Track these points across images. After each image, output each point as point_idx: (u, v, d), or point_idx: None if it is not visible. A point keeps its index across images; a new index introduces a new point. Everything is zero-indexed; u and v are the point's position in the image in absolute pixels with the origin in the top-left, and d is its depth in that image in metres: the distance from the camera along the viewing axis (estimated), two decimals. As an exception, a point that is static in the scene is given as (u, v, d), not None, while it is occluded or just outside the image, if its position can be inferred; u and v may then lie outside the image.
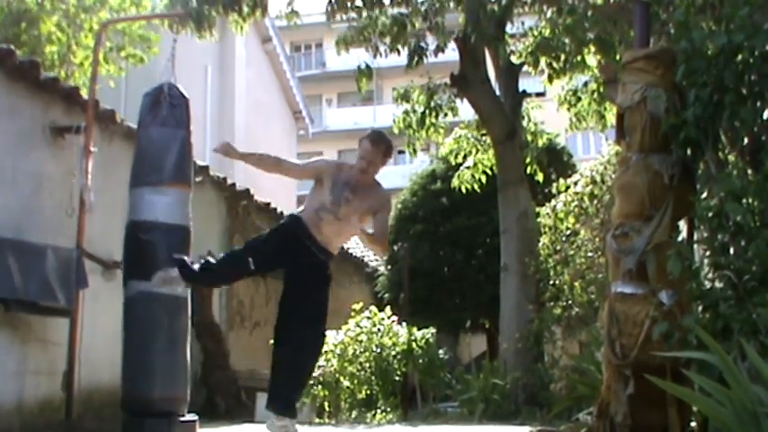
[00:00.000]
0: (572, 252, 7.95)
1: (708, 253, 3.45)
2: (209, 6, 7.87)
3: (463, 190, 10.19)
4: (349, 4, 8.69)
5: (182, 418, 4.96)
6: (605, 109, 9.79)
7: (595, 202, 7.75)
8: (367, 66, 9.01)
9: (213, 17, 7.95)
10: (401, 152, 11.01)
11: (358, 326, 8.73)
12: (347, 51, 9.24)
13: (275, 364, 4.57)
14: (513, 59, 9.33)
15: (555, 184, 8.57)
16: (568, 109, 10.30)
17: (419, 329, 9.00)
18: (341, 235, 4.62)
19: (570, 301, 7.93)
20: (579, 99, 10.03)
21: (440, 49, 8.79)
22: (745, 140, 3.53)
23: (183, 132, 5.23)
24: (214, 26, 8.07)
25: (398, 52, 8.88)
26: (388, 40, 8.76)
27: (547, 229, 8.43)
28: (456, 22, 9.31)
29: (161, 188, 5.08)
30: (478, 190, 10.15)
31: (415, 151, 10.29)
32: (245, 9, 8.19)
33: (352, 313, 8.98)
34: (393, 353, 8.63)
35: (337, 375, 8.41)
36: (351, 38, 8.97)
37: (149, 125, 5.19)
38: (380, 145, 4.53)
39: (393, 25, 8.65)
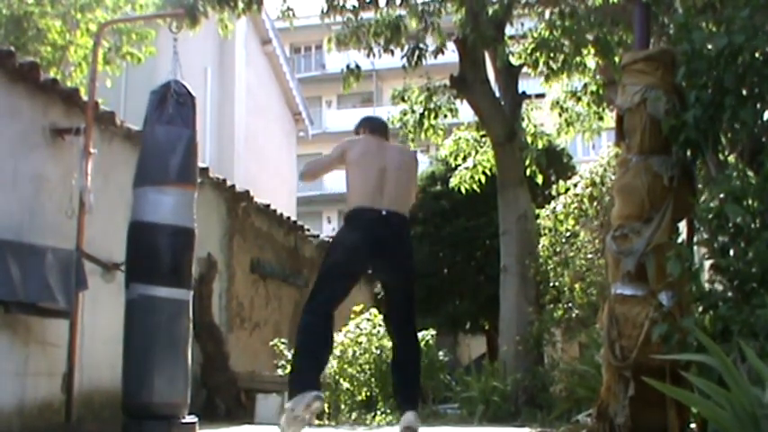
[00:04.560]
0: (572, 254, 7.95)
1: (708, 254, 3.45)
2: (203, 1, 7.83)
3: (463, 190, 10.19)
4: (343, 4, 8.66)
5: (181, 420, 4.96)
6: (603, 110, 9.81)
7: (595, 203, 7.76)
8: (357, 66, 8.98)
9: (206, 11, 7.90)
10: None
11: (358, 327, 8.73)
12: (338, 51, 9.23)
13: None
14: (513, 61, 9.33)
15: (555, 186, 8.57)
16: (560, 114, 10.34)
17: (419, 331, 8.99)
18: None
19: (570, 303, 7.93)
20: (579, 99, 10.03)
21: (439, 50, 8.78)
22: (745, 142, 3.53)
23: (189, 131, 5.15)
24: (206, 18, 8.00)
25: (392, 53, 8.86)
26: (381, 40, 8.74)
27: (547, 231, 8.43)
28: (452, 23, 9.30)
29: (165, 188, 5.02)
30: (478, 190, 10.15)
31: None
32: (241, 4, 8.13)
33: (352, 315, 8.98)
34: (393, 354, 8.61)
35: (337, 377, 8.40)
36: (344, 37, 8.95)
37: (155, 123, 5.10)
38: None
39: (387, 26, 8.63)
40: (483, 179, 10.05)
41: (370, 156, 4.62)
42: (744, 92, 3.39)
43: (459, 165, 10.37)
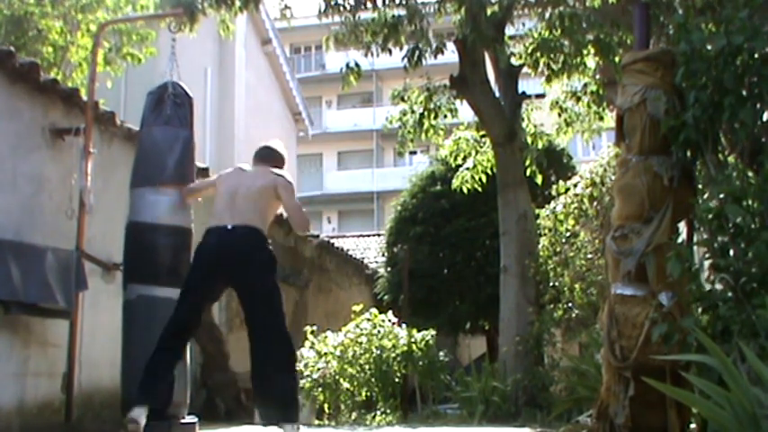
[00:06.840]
0: (572, 254, 7.94)
1: (707, 255, 3.45)
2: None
3: (464, 190, 10.18)
4: (340, 3, 8.64)
5: (181, 420, 4.96)
6: (603, 110, 9.81)
7: (595, 203, 7.74)
8: (356, 64, 8.97)
9: (204, 9, 7.86)
10: (401, 154, 10.99)
11: (358, 327, 8.73)
12: (337, 50, 9.21)
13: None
14: (513, 61, 9.32)
15: (555, 186, 8.56)
16: (559, 114, 10.34)
17: (419, 331, 9.00)
18: None
19: (570, 303, 7.92)
20: (579, 99, 10.02)
21: (439, 50, 8.77)
22: (745, 142, 3.53)
23: (186, 132, 5.18)
24: (204, 16, 7.96)
25: (390, 52, 8.84)
26: (380, 39, 8.72)
27: (546, 231, 8.43)
28: (452, 24, 9.29)
29: (163, 188, 5.05)
30: (479, 189, 10.15)
31: (405, 153, 10.31)
32: (237, 2, 8.11)
33: (352, 315, 8.98)
34: (393, 355, 8.62)
35: (337, 377, 8.40)
36: (342, 36, 8.94)
37: (152, 124, 5.13)
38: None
39: (384, 25, 8.62)
40: (483, 179, 10.05)
41: (226, 186, 4.81)
42: (743, 92, 3.39)
43: (460, 165, 10.36)
